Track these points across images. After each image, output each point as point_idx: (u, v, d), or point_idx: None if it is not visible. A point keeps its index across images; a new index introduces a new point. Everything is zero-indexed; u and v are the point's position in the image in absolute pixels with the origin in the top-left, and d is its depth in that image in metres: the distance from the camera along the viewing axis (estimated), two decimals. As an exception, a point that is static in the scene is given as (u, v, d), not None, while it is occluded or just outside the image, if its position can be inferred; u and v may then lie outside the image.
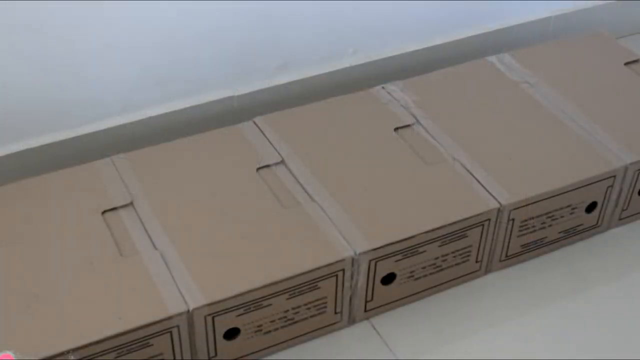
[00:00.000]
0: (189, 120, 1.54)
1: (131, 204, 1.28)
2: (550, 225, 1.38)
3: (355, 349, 1.27)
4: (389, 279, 1.28)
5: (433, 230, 1.26)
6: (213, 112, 1.55)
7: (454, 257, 1.31)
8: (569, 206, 1.38)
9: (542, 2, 1.82)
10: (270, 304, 1.18)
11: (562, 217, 1.38)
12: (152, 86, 1.49)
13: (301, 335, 1.25)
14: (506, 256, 1.38)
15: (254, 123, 1.44)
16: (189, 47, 1.48)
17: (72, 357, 1.07)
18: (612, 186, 1.40)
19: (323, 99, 1.51)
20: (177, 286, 1.15)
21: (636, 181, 1.42)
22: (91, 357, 1.09)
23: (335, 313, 1.26)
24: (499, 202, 1.30)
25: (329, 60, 1.64)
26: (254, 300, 1.17)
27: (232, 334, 1.19)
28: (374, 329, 1.29)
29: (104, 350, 1.09)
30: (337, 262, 1.20)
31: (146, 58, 1.46)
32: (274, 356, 1.24)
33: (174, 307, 1.13)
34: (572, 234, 1.43)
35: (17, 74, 1.36)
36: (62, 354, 1.07)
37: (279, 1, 1.50)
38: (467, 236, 1.30)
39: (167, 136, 1.45)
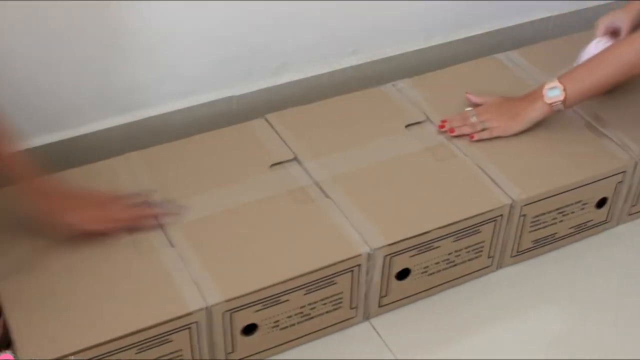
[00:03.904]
0: (189, 120, 1.54)
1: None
2: (561, 221, 1.39)
3: (355, 349, 1.27)
4: (403, 274, 1.28)
5: (447, 225, 1.27)
6: (213, 112, 1.55)
7: (467, 252, 1.32)
8: (579, 202, 1.39)
9: (542, 2, 1.82)
10: (288, 300, 1.19)
11: (572, 212, 1.39)
12: (153, 86, 1.49)
13: (317, 331, 1.26)
14: (517, 252, 1.39)
15: (266, 120, 1.44)
16: (189, 47, 1.48)
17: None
18: (621, 182, 1.41)
19: (323, 98, 1.51)
20: (195, 283, 1.16)
21: (645, 177, 1.44)
22: (111, 353, 1.10)
23: (351, 308, 1.27)
24: (511, 198, 1.31)
25: (329, 60, 1.64)
26: (272, 296, 1.17)
27: (250, 329, 1.20)
28: (374, 329, 1.30)
29: (124, 347, 1.10)
30: (353, 257, 1.21)
31: (146, 58, 1.46)
32: (280, 356, 1.24)
33: (193, 303, 1.13)
34: (582, 230, 1.44)
35: (18, 74, 1.36)
36: (80, 351, 1.08)
37: (279, 1, 1.51)
38: (480, 232, 1.31)
39: (166, 136, 1.45)
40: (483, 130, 1.41)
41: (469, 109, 1.45)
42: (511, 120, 1.41)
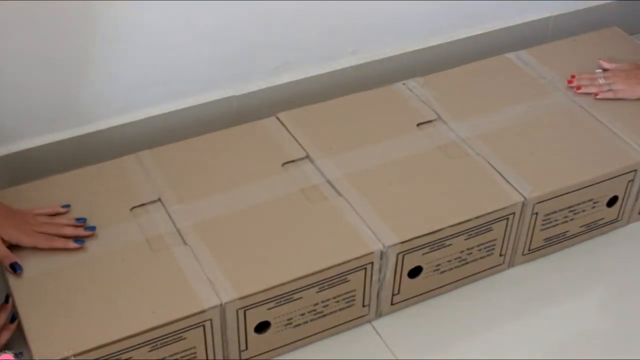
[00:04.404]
0: (189, 120, 1.54)
1: (159, 200, 1.29)
2: (572, 219, 1.39)
3: (354, 349, 1.27)
4: (415, 272, 1.29)
5: (460, 223, 1.27)
6: (213, 112, 1.55)
7: (479, 250, 1.32)
8: (590, 200, 1.39)
9: (542, 2, 1.82)
10: (301, 297, 1.19)
11: (583, 211, 1.39)
12: (152, 86, 1.49)
13: (330, 329, 1.26)
14: (529, 250, 1.39)
15: (277, 119, 1.45)
16: (189, 47, 1.48)
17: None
18: (632, 180, 1.41)
19: (323, 98, 1.51)
20: (209, 280, 1.16)
21: (656, 175, 1.44)
22: (124, 351, 1.10)
23: (363, 306, 1.27)
24: (523, 196, 1.32)
25: (329, 60, 1.64)
26: (285, 293, 1.17)
27: (262, 327, 1.20)
28: (374, 329, 1.30)
29: (137, 345, 1.10)
30: (366, 255, 1.21)
31: (146, 58, 1.46)
32: (286, 355, 1.24)
33: (207, 301, 1.13)
34: (593, 228, 1.44)
35: (19, 74, 1.36)
36: (93, 349, 1.08)
37: (279, 1, 1.51)
38: (492, 229, 1.31)
39: (167, 136, 1.45)
40: (609, 91, 1.51)
41: (599, 70, 1.56)
42: (638, 85, 1.49)
